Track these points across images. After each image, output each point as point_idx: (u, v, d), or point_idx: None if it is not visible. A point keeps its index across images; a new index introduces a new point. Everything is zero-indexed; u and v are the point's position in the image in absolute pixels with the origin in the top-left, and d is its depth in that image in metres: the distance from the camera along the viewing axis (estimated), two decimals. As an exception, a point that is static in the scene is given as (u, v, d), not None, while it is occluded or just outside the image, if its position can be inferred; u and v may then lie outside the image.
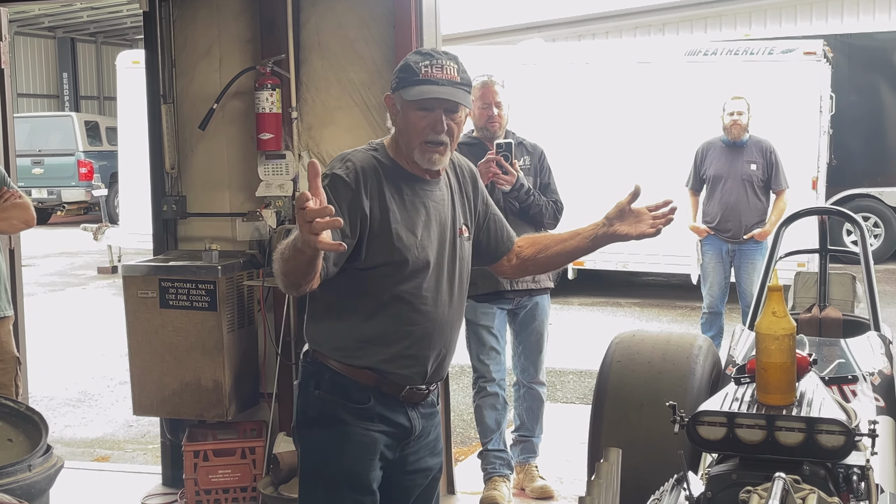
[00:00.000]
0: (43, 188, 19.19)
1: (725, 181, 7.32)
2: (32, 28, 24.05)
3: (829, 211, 5.37)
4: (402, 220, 2.71)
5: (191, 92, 5.17)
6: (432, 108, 2.68)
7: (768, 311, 2.61)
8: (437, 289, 2.78)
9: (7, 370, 4.58)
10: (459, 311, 2.90)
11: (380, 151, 2.79)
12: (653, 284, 12.29)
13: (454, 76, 2.69)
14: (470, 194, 2.95)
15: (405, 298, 2.72)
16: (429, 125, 2.68)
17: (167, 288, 4.78)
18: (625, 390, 3.66)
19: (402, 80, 2.70)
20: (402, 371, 2.77)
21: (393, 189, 2.73)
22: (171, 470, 5.31)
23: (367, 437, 2.76)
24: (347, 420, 2.75)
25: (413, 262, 2.71)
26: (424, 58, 2.71)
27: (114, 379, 8.23)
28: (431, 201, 2.79)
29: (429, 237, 2.76)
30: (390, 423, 2.79)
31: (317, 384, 2.79)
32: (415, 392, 2.81)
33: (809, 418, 2.51)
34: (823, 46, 10.52)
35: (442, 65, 2.68)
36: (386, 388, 2.77)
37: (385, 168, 2.74)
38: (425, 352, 2.78)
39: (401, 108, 2.73)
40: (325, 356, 2.78)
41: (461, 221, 2.89)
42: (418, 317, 2.75)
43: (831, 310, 4.63)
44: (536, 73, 11.20)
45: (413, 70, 2.68)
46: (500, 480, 5.00)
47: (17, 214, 4.55)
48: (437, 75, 2.67)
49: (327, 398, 2.77)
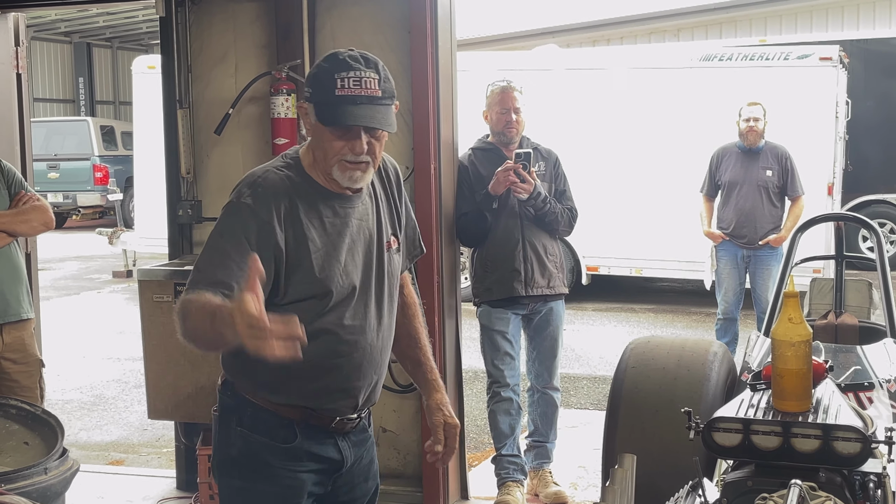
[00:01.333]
0: (58, 192, 19.26)
1: (741, 187, 7.30)
2: (49, 33, 24.19)
3: (845, 217, 5.37)
4: (323, 246, 2.46)
5: (206, 97, 5.19)
6: (350, 128, 2.40)
7: (784, 318, 2.60)
8: (364, 315, 2.54)
9: (31, 373, 4.59)
10: (389, 331, 2.67)
11: (293, 168, 2.50)
12: (667, 290, 12.25)
13: (374, 90, 2.38)
14: (395, 198, 2.69)
15: (331, 330, 2.49)
16: (347, 147, 2.41)
17: (182, 292, 4.78)
18: (640, 396, 3.64)
19: (318, 94, 2.41)
20: (330, 405, 2.56)
21: (310, 212, 2.45)
22: (185, 474, 5.33)
23: (294, 479, 2.56)
24: (272, 462, 2.53)
25: (338, 291, 2.47)
26: (338, 68, 2.38)
27: (128, 383, 8.26)
28: (354, 219, 2.53)
29: (352, 261, 2.51)
30: (319, 459, 2.59)
31: (238, 420, 2.55)
32: (345, 422, 2.61)
33: (826, 425, 2.50)
34: (839, 52, 10.48)
35: (360, 77, 2.37)
36: (314, 421, 2.56)
37: (300, 189, 2.46)
38: (356, 383, 2.57)
39: (315, 122, 2.44)
40: (247, 391, 2.55)
41: (389, 233, 2.63)
42: (346, 348, 2.52)
43: (847, 316, 4.61)
44: (551, 79, 11.19)
45: (329, 82, 2.37)
46: (514, 486, 5.00)
47: (37, 217, 4.57)
48: (356, 91, 2.36)
49: (250, 437, 2.54)
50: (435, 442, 2.72)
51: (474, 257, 5.09)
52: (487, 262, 5.00)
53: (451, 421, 2.74)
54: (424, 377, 2.81)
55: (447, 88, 4.97)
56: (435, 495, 4.96)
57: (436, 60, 4.81)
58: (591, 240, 10.64)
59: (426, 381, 2.81)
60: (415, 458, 5.00)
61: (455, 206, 5.03)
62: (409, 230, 2.78)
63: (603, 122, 11.00)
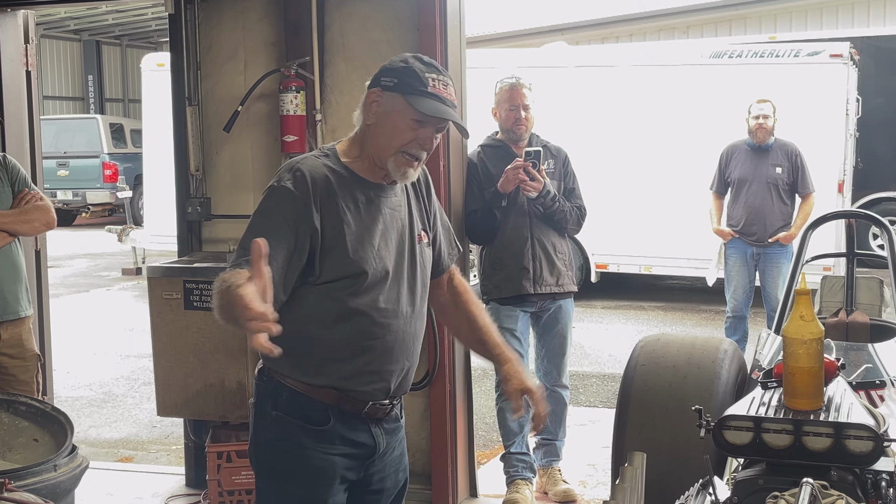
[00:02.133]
0: (68, 190, 19.33)
1: (750, 184, 7.28)
2: (58, 31, 24.26)
3: (856, 214, 5.34)
4: (358, 230, 2.58)
5: (216, 94, 5.19)
6: (426, 123, 2.57)
7: (796, 315, 2.59)
8: (397, 300, 2.64)
9: (28, 367, 4.62)
10: (421, 321, 2.76)
11: (331, 158, 2.64)
12: (676, 288, 12.23)
13: (454, 98, 2.63)
14: (425, 198, 2.82)
15: (364, 312, 2.59)
16: (416, 139, 2.57)
17: (192, 289, 4.80)
18: (649, 394, 3.63)
19: (408, 86, 2.56)
20: (363, 388, 2.64)
21: (347, 198, 2.59)
22: (194, 471, 5.34)
23: (327, 461, 2.64)
24: (306, 444, 2.63)
25: (371, 273, 2.58)
26: (430, 69, 2.60)
27: (138, 380, 8.27)
28: (388, 208, 2.66)
29: (386, 246, 2.63)
30: (352, 443, 2.67)
31: (274, 404, 2.65)
32: (377, 408, 2.68)
33: (837, 423, 2.48)
34: (850, 49, 10.44)
35: (446, 83, 2.61)
36: (347, 406, 2.64)
37: (338, 176, 2.60)
38: (388, 367, 2.65)
39: (390, 110, 2.58)
40: (283, 375, 2.64)
41: (419, 227, 2.75)
42: (379, 330, 2.61)
43: (858, 314, 4.60)
44: (560, 76, 11.18)
45: (421, 79, 2.56)
46: (523, 484, 4.99)
47: (39, 216, 4.58)
48: (443, 93, 2.58)
49: (285, 419, 2.64)
50: (514, 410, 2.78)
51: (483, 255, 5.08)
52: (496, 260, 4.99)
53: (524, 386, 2.76)
54: (491, 353, 2.88)
55: (456, 86, 4.94)
56: (444, 493, 4.96)
57: (445, 58, 4.80)
58: (600, 237, 10.63)
59: (493, 357, 2.88)
60: (424, 455, 5.00)
61: (464, 204, 5.02)
62: (444, 231, 2.90)
63: (612, 119, 10.98)
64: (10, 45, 5.52)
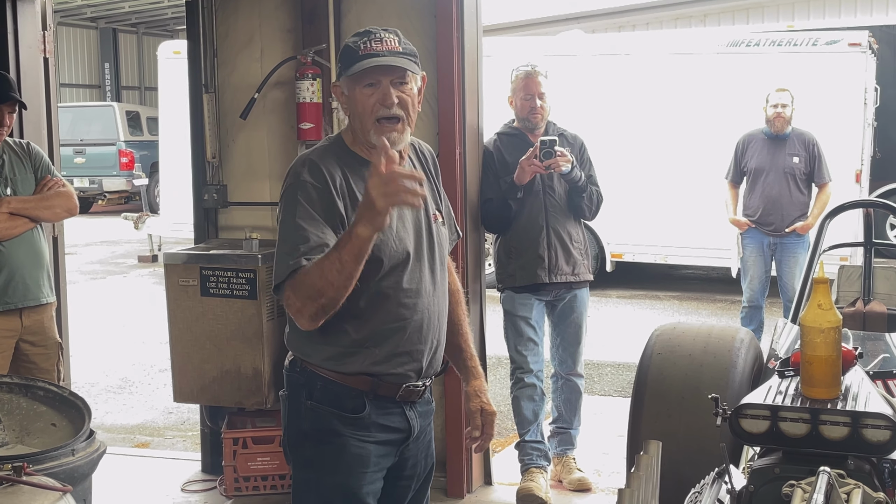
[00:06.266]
0: (84, 177, 19.39)
1: (767, 174, 7.24)
2: (75, 18, 24.32)
3: (874, 204, 5.32)
4: None
5: (232, 82, 5.20)
6: (378, 82, 2.57)
7: (814, 304, 2.58)
8: (419, 279, 2.66)
9: (49, 355, 4.63)
10: (444, 297, 2.79)
11: (336, 144, 2.69)
12: (692, 277, 12.20)
13: (395, 46, 2.58)
14: (434, 179, 2.84)
15: (389, 294, 2.61)
16: (377, 100, 2.57)
17: (208, 276, 4.81)
18: (665, 383, 3.63)
19: (347, 64, 2.59)
20: (397, 370, 2.65)
21: (359, 183, 2.59)
22: (210, 457, 5.37)
23: (363, 449, 2.65)
24: (342, 432, 2.64)
25: (392, 255, 2.59)
26: (361, 36, 2.60)
27: (154, 366, 8.31)
28: None
29: (404, 227, 2.64)
30: (387, 429, 2.69)
31: (308, 394, 2.66)
32: (411, 390, 2.70)
33: (854, 412, 2.48)
34: (869, 38, 10.36)
35: (381, 38, 2.57)
36: (382, 391, 2.66)
37: (346, 161, 2.64)
38: (418, 346, 2.68)
39: (347, 92, 2.63)
40: (315, 365, 2.65)
41: (433, 207, 2.77)
42: (405, 311, 2.63)
43: (876, 304, 4.58)
44: (576, 65, 11.14)
45: (352, 50, 2.58)
46: (538, 472, 4.99)
47: (61, 203, 4.59)
48: (377, 48, 2.56)
49: (320, 409, 2.65)
50: (473, 428, 2.84)
51: (498, 243, 5.08)
52: (511, 249, 4.99)
53: (487, 408, 2.85)
54: (465, 364, 2.92)
55: (472, 74, 4.95)
56: (459, 481, 4.97)
57: (461, 46, 4.79)
58: (615, 226, 10.60)
59: (466, 368, 2.92)
60: (439, 443, 4.95)
61: (480, 192, 5.01)
62: (446, 215, 2.88)
63: (628, 108, 10.94)
64: (27, 33, 5.54)
